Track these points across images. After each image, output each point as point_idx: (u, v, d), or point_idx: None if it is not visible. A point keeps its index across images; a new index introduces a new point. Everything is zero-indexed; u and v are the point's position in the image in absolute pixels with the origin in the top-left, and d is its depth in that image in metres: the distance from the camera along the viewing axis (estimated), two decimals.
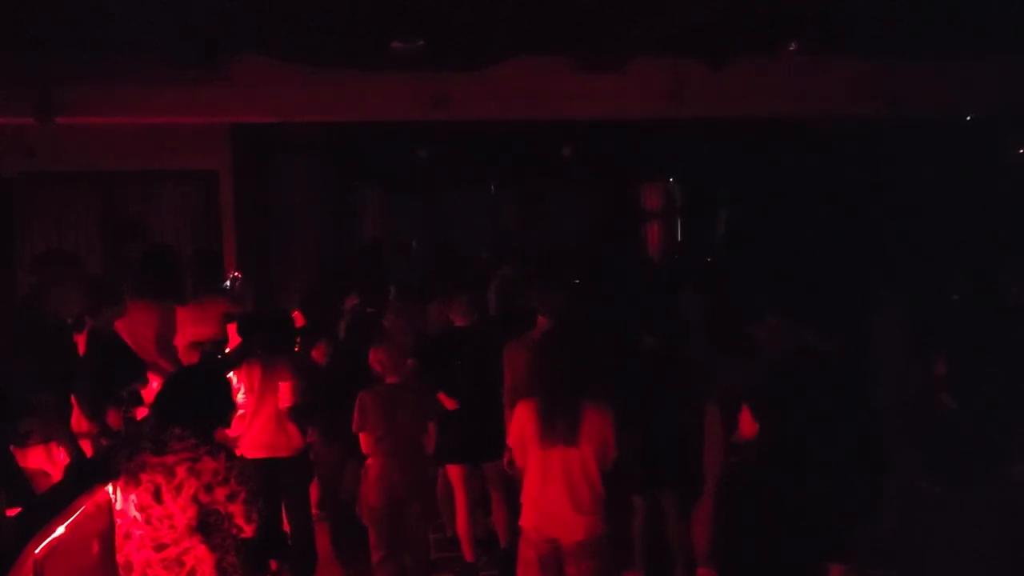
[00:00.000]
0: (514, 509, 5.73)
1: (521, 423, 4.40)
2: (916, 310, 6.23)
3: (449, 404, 5.80)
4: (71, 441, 4.89)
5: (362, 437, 5.26)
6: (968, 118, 9.05)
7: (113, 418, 5.35)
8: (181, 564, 3.52)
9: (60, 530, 3.65)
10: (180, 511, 3.48)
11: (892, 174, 9.96)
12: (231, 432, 5.59)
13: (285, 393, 5.59)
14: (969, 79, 8.03)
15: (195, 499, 3.48)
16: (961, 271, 7.25)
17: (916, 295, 6.59)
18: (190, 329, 6.66)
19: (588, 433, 4.25)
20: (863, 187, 10.30)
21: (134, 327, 6.13)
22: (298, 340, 6.38)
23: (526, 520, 4.42)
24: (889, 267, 7.66)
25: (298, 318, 6.81)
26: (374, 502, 5.22)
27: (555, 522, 4.29)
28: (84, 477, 4.03)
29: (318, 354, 6.18)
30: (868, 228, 9.95)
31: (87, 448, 5.07)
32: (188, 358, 6.46)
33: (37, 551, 3.47)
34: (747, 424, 3.99)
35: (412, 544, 5.34)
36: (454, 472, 5.98)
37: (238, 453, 5.43)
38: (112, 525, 3.66)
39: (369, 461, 5.26)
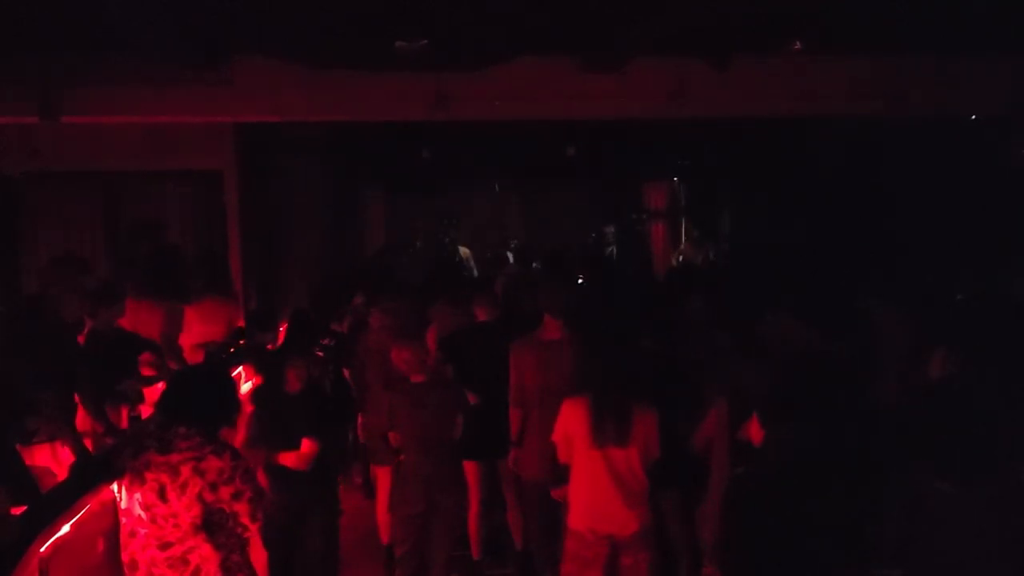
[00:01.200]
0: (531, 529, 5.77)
1: (569, 422, 4.45)
2: (920, 309, 6.22)
3: (469, 399, 5.80)
4: (76, 440, 4.91)
5: (391, 435, 5.30)
6: (972, 117, 9.05)
7: (116, 417, 5.38)
8: (186, 563, 3.53)
9: (65, 529, 3.66)
10: (185, 510, 3.49)
11: (895, 173, 9.95)
12: None
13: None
14: (972, 78, 8.03)
15: (200, 498, 3.49)
16: (965, 270, 7.26)
17: (919, 294, 6.59)
18: (197, 328, 6.69)
19: (636, 434, 4.35)
20: (866, 186, 10.30)
21: (139, 326, 6.15)
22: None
23: (578, 522, 4.47)
24: (892, 266, 7.66)
25: None
26: (409, 497, 5.22)
27: (609, 520, 4.39)
28: (89, 476, 4.04)
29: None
30: (871, 227, 9.95)
31: (91, 447, 5.09)
32: (194, 358, 6.49)
33: (42, 550, 3.48)
34: (755, 431, 4.01)
35: (438, 540, 5.30)
36: (470, 468, 5.95)
37: None
38: (117, 524, 3.67)
39: (402, 458, 5.30)
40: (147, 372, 5.87)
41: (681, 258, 13.12)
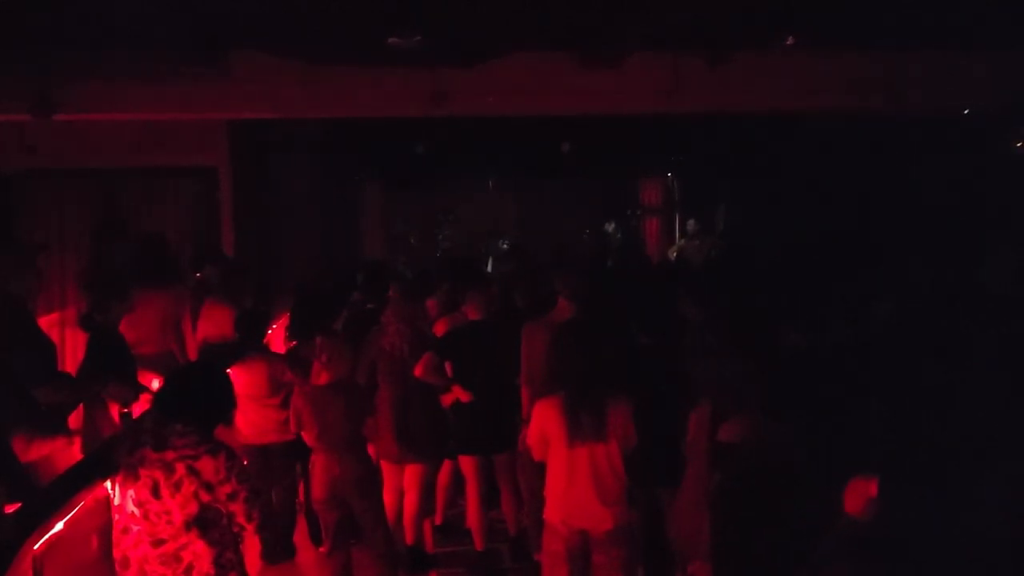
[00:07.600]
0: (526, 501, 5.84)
1: (544, 421, 4.43)
2: (911, 305, 6.22)
3: (464, 396, 5.84)
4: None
5: (304, 435, 5.39)
6: (966, 112, 9.05)
7: (104, 415, 5.34)
8: (178, 560, 3.53)
9: (59, 526, 3.65)
10: (178, 507, 3.49)
11: (890, 168, 9.96)
12: None
13: None
14: (967, 72, 8.03)
15: (196, 497, 3.49)
16: (955, 265, 7.24)
17: (911, 290, 6.59)
18: (200, 327, 6.69)
19: (613, 427, 4.33)
20: (861, 181, 10.30)
21: (138, 317, 6.12)
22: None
23: (552, 514, 4.46)
24: (886, 262, 7.66)
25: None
26: (319, 495, 5.32)
27: (583, 515, 4.36)
28: (83, 472, 4.03)
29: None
30: (866, 222, 9.96)
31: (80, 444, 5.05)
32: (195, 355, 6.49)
33: (36, 547, 3.47)
34: (731, 427, 4.01)
35: (364, 536, 5.42)
36: (468, 463, 6.00)
37: None
38: (111, 521, 3.66)
39: (313, 457, 5.38)
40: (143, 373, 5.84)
41: (676, 255, 13.10)
